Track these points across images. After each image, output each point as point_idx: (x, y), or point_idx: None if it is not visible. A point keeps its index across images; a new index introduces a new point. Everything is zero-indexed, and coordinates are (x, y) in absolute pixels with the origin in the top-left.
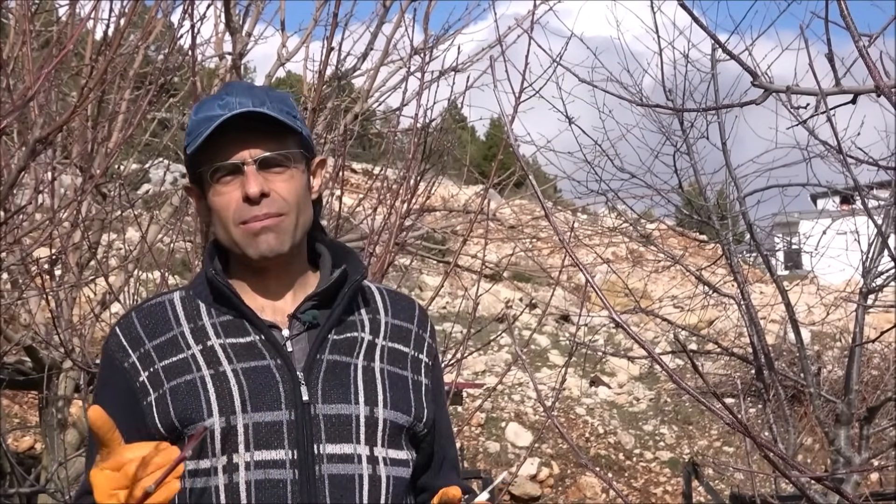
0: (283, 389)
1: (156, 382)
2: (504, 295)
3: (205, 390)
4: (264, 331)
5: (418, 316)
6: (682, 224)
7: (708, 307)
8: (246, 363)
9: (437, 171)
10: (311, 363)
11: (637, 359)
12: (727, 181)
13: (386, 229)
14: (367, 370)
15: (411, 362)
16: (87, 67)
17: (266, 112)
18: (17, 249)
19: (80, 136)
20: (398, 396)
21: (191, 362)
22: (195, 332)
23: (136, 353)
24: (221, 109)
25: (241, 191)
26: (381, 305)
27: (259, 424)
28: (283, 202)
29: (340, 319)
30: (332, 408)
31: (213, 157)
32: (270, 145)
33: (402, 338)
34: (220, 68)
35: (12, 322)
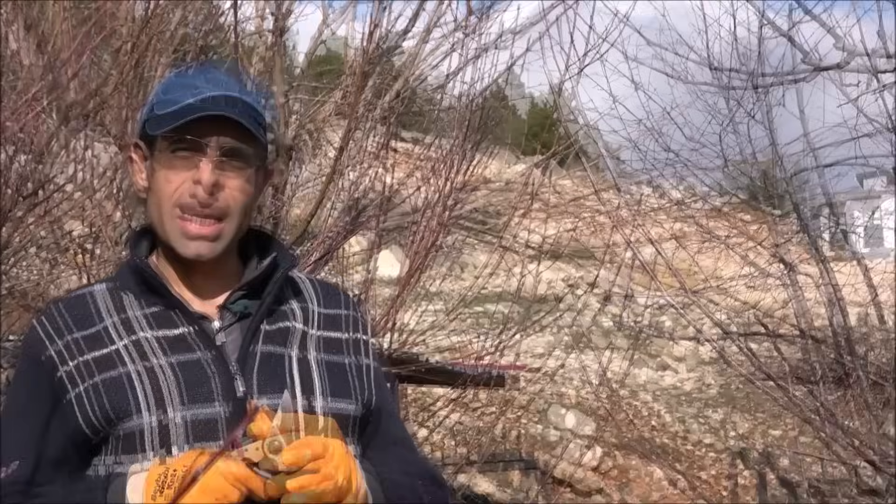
0: (218, 382)
1: (77, 377)
2: (563, 274)
3: (132, 386)
4: (195, 322)
5: (345, 300)
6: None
7: (783, 287)
8: (178, 356)
9: (489, 142)
10: (245, 355)
11: (708, 341)
12: (805, 151)
13: (432, 206)
14: (301, 361)
15: (350, 345)
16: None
17: (249, 102)
18: (53, 226)
19: (114, 104)
20: (339, 384)
21: (116, 357)
22: (122, 325)
23: (55, 345)
24: (206, 83)
25: (195, 174)
26: (312, 295)
27: (195, 419)
28: (232, 202)
29: (271, 310)
30: (269, 399)
31: (178, 127)
32: (239, 136)
33: (333, 324)
34: (260, 46)
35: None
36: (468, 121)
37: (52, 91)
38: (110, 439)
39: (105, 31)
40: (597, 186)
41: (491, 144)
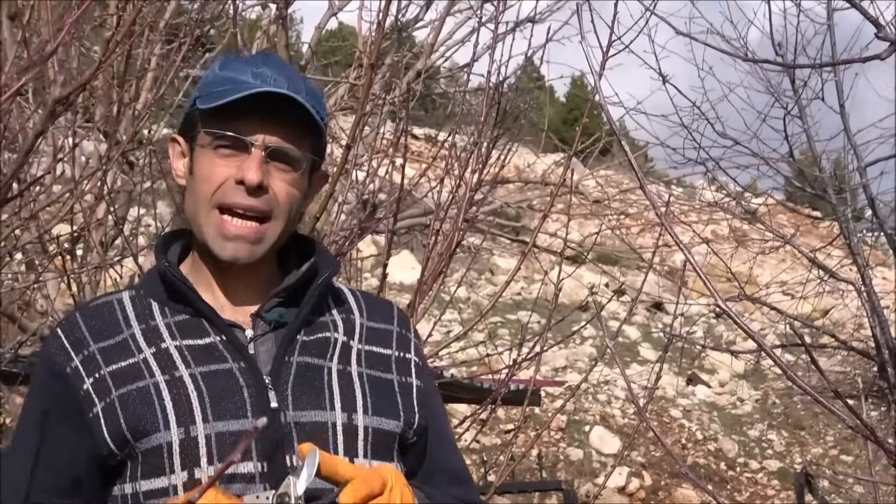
0: (249, 395)
1: (102, 390)
2: (588, 279)
3: (159, 398)
4: (225, 331)
5: (398, 316)
6: (792, 198)
7: (823, 294)
8: (205, 367)
9: (511, 136)
10: (279, 366)
11: (741, 353)
12: (845, 149)
13: (454, 203)
14: (343, 374)
15: (397, 364)
16: (113, 18)
17: (301, 102)
18: (33, 226)
19: (104, 97)
20: (382, 401)
21: (142, 367)
22: (147, 334)
23: (79, 356)
24: (254, 78)
25: (239, 172)
26: (355, 306)
27: (223, 435)
28: (277, 204)
29: (310, 319)
30: (305, 414)
31: (223, 122)
32: (288, 138)
33: (381, 340)
34: (264, 19)
35: (27, 309)
36: (498, 104)
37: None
38: (134, 456)
39: (95, 21)
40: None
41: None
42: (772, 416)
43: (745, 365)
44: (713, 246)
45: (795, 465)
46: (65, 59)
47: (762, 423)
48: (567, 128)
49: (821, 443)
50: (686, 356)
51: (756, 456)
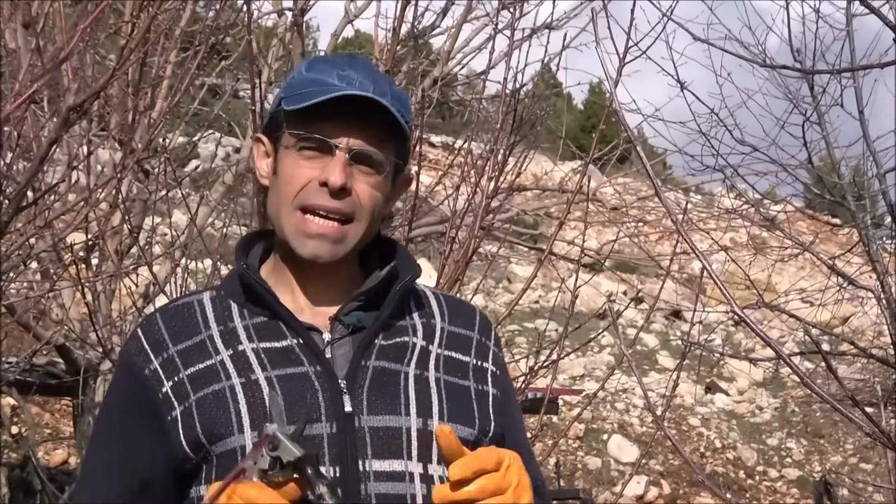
0: (323, 399)
1: (181, 394)
2: (605, 287)
3: (234, 401)
4: (302, 334)
5: (479, 323)
6: (811, 205)
7: (842, 302)
8: (281, 370)
9: (528, 143)
10: (356, 370)
11: (760, 361)
12: (864, 155)
13: (470, 211)
14: (419, 379)
15: (474, 371)
16: (128, 26)
17: (386, 105)
18: (48, 234)
19: (119, 105)
20: (458, 408)
21: (219, 369)
22: (225, 336)
23: (159, 358)
24: (340, 81)
25: (322, 174)
26: (437, 310)
27: (296, 439)
28: (360, 207)
29: (389, 323)
30: (379, 419)
31: (307, 123)
32: (372, 141)
33: (461, 346)
34: (280, 26)
35: (43, 318)
36: (514, 111)
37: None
38: (209, 460)
39: (110, 29)
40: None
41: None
42: (791, 424)
43: (764, 373)
44: (732, 253)
45: (815, 474)
46: (79, 67)
47: (781, 431)
48: (585, 135)
49: (840, 451)
50: (704, 364)
51: (775, 464)
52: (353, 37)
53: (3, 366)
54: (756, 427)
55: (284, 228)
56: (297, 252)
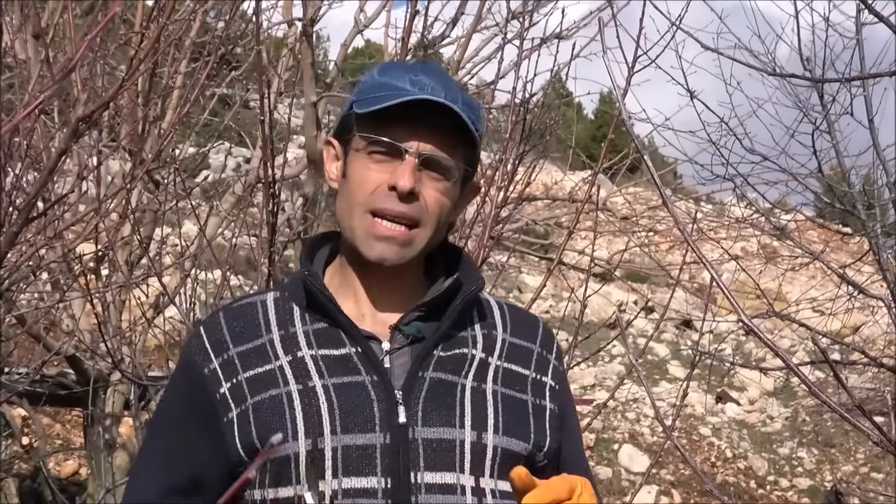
0: (378, 409)
1: (238, 396)
2: (616, 297)
3: (290, 408)
4: (361, 342)
5: (542, 335)
6: (822, 214)
7: (853, 311)
8: (338, 378)
9: (538, 153)
10: (412, 381)
11: (771, 371)
12: (875, 164)
13: (479, 221)
14: (476, 391)
15: (532, 385)
16: (137, 36)
17: (457, 111)
18: (57, 245)
19: (129, 116)
20: (514, 421)
21: (277, 375)
22: (285, 341)
23: (219, 358)
24: (412, 85)
25: (392, 178)
26: (499, 321)
27: (349, 448)
28: (427, 212)
29: (449, 334)
30: (433, 431)
31: (378, 127)
32: (442, 147)
33: (521, 358)
34: (289, 36)
35: (53, 329)
36: (524, 120)
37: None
38: (264, 464)
39: (120, 40)
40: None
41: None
42: (802, 433)
43: (775, 382)
44: (742, 262)
45: (826, 483)
46: (89, 77)
47: (792, 440)
48: (595, 144)
49: (851, 460)
50: (715, 374)
51: (786, 474)
52: (364, 47)
53: (13, 376)
54: (767, 436)
55: (354, 231)
56: (364, 255)
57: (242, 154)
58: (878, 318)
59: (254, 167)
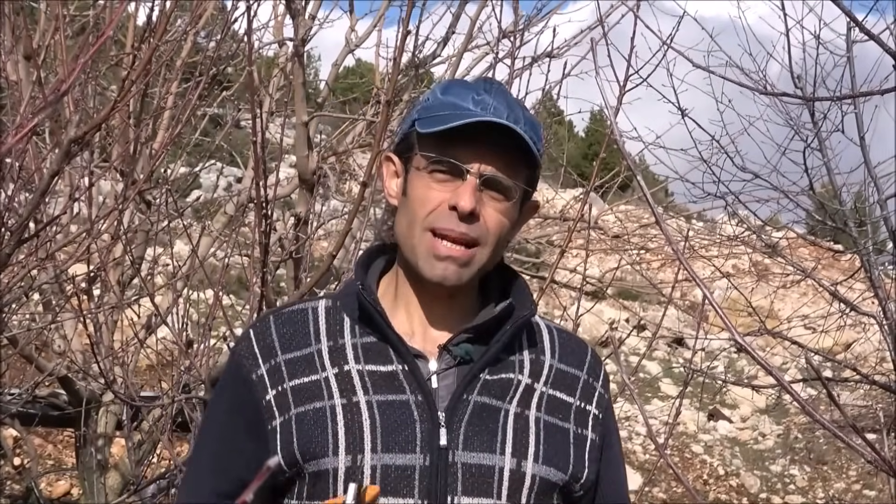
0: (420, 430)
1: (283, 405)
2: (608, 315)
3: (333, 422)
4: (409, 360)
5: (589, 362)
6: (813, 232)
7: (845, 328)
8: (383, 395)
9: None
10: (456, 403)
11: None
12: (866, 181)
13: None
14: (519, 417)
15: (575, 414)
16: (129, 57)
17: (519, 133)
18: (50, 266)
19: (120, 136)
20: (554, 450)
21: (323, 387)
22: (333, 353)
23: (267, 364)
24: (475, 105)
25: (453, 198)
26: (548, 346)
27: (388, 467)
28: (487, 232)
29: (497, 358)
30: (473, 456)
31: (441, 147)
32: (502, 166)
33: (567, 385)
34: (281, 56)
35: (45, 349)
36: None
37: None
38: (301, 476)
39: (112, 61)
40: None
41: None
42: (794, 450)
43: (767, 400)
44: (734, 280)
45: (818, 500)
46: (81, 99)
47: (784, 458)
48: (587, 162)
49: (843, 477)
50: (707, 391)
51: (778, 491)
52: (355, 66)
53: (5, 397)
54: (759, 454)
55: (416, 249)
56: (424, 274)
57: (234, 173)
58: (870, 335)
59: (245, 187)
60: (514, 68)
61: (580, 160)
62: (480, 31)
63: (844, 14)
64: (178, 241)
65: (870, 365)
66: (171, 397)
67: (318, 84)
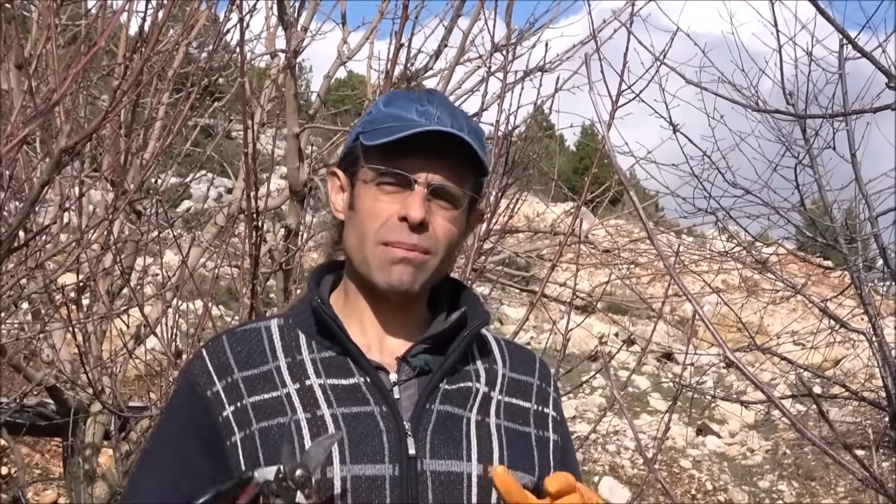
0: (388, 440)
1: (243, 420)
2: (597, 329)
3: (299, 436)
4: (370, 373)
5: (539, 369)
6: (803, 248)
7: (834, 344)
8: (347, 408)
9: (520, 185)
10: (420, 413)
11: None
12: (857, 198)
13: (462, 253)
14: (480, 425)
15: (535, 417)
16: (120, 67)
17: (465, 140)
18: (39, 275)
19: (111, 146)
20: (519, 455)
21: (285, 402)
22: (293, 369)
23: (223, 381)
24: (419, 116)
25: (402, 209)
26: (499, 356)
27: (359, 478)
28: (437, 241)
29: (454, 368)
30: (442, 464)
31: (387, 158)
32: (450, 176)
33: (521, 392)
34: (273, 67)
35: (33, 359)
36: (507, 153)
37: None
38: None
39: (103, 71)
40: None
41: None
42: (782, 466)
43: (756, 415)
44: (724, 295)
45: None
46: (72, 108)
47: (773, 473)
48: (578, 177)
49: (832, 493)
50: (696, 406)
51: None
52: (347, 78)
53: None
54: (748, 469)
55: (369, 262)
56: (378, 282)
57: (224, 184)
58: (860, 351)
59: (236, 198)
60: (507, 82)
61: (571, 174)
62: (473, 45)
63: (837, 31)
64: (167, 252)
65: (859, 381)
66: (160, 408)
67: (309, 96)
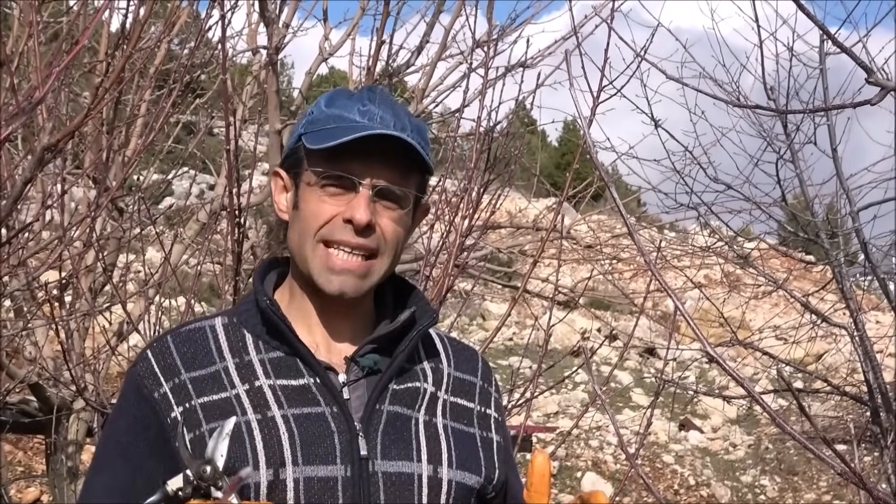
0: (339, 441)
1: (192, 421)
2: (580, 325)
3: (250, 437)
4: (320, 373)
5: (482, 368)
6: (785, 243)
7: (816, 339)
8: (298, 409)
9: (502, 181)
10: (370, 414)
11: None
12: (838, 193)
13: (444, 249)
14: (428, 425)
15: (478, 418)
16: (102, 64)
17: (409, 142)
18: (21, 273)
19: (93, 143)
20: (465, 455)
21: (234, 403)
22: (241, 369)
23: (170, 382)
24: (361, 117)
25: (347, 211)
26: (444, 354)
27: (311, 480)
28: (384, 241)
29: (402, 367)
30: (393, 465)
31: (330, 161)
32: (394, 176)
33: (465, 392)
34: (254, 64)
35: (16, 356)
36: (489, 149)
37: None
38: None
39: (85, 68)
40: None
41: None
42: (765, 461)
43: (738, 410)
44: (706, 290)
45: None
46: (54, 106)
47: (755, 468)
48: (560, 172)
49: (814, 488)
50: (678, 401)
51: (749, 502)
52: (328, 74)
53: None
54: (730, 464)
55: (309, 263)
56: (323, 288)
57: (206, 181)
58: (841, 346)
59: (218, 194)
60: (488, 78)
61: (553, 170)
62: (454, 41)
63: (817, 27)
64: (150, 249)
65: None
66: None
67: (291, 92)
